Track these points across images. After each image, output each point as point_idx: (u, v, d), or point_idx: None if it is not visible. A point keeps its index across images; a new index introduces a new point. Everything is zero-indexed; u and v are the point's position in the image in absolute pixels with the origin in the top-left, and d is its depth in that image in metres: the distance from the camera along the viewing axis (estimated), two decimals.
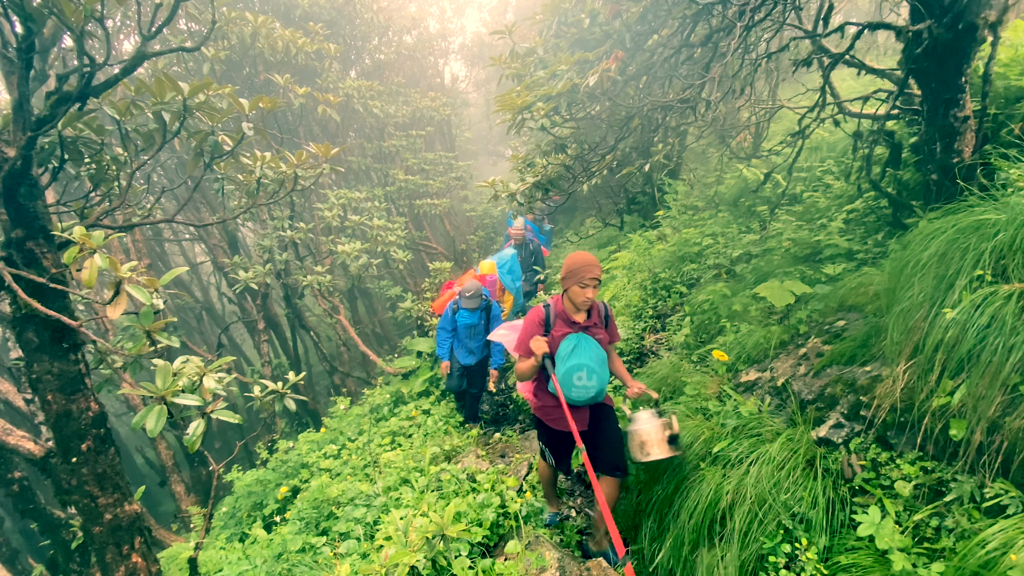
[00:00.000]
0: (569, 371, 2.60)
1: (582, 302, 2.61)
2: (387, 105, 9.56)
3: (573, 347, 2.63)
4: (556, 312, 2.75)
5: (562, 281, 2.69)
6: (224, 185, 2.96)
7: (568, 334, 2.68)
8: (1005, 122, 2.90)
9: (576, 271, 2.60)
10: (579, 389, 2.63)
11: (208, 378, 1.90)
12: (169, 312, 12.48)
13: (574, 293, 2.62)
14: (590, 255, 2.62)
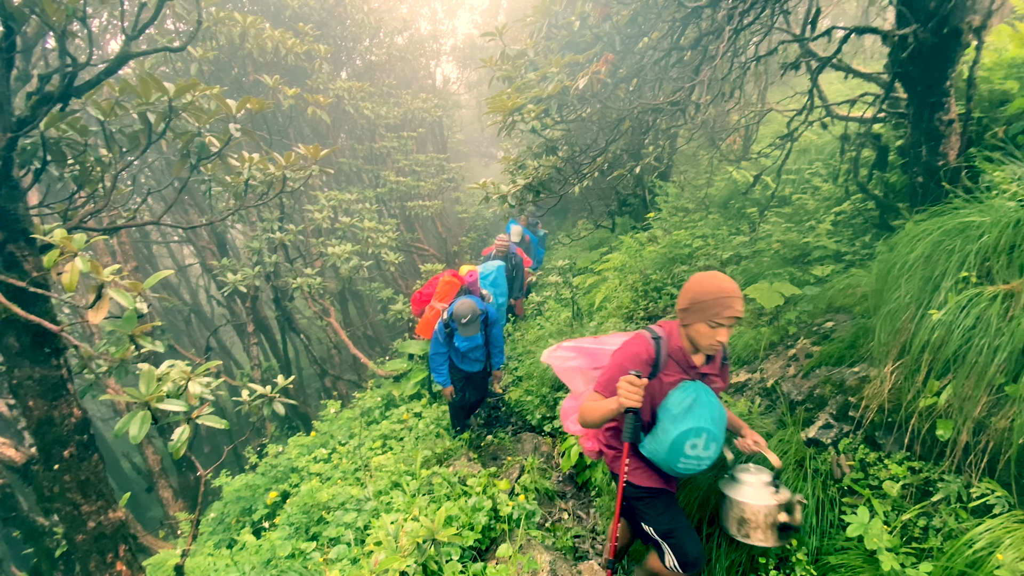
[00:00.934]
0: (683, 437, 1.89)
1: (709, 346, 1.88)
2: (378, 106, 9.52)
3: (691, 402, 1.90)
4: (669, 350, 2.00)
5: (682, 313, 1.95)
6: (211, 187, 2.93)
7: (682, 382, 1.98)
8: (989, 125, 2.94)
9: (708, 303, 1.83)
10: (690, 461, 1.93)
11: (194, 383, 1.87)
12: (157, 315, 12.33)
13: (700, 333, 1.87)
14: (729, 281, 1.85)
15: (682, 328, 1.98)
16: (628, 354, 1.98)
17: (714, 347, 1.88)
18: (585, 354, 2.34)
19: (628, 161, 5.84)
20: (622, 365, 1.94)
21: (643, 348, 1.98)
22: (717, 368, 2.10)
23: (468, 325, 3.98)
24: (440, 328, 4.28)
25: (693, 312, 1.88)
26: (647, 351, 1.97)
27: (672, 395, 1.95)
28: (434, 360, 4.45)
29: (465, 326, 3.98)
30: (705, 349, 1.91)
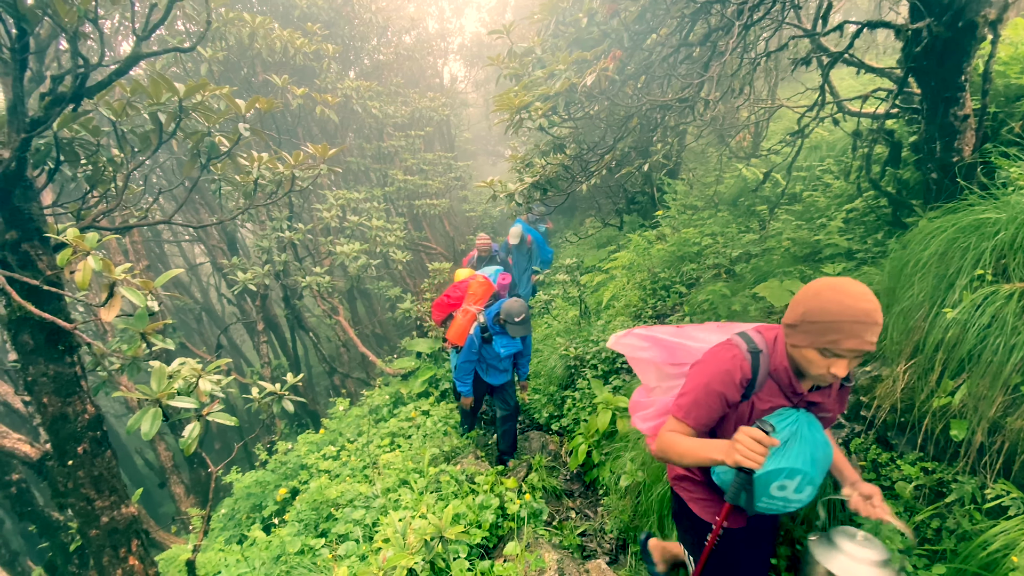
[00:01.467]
0: (770, 477, 1.52)
1: (819, 377, 1.46)
2: (386, 105, 9.55)
3: (788, 437, 1.52)
4: (769, 368, 1.58)
5: (789, 329, 1.50)
6: (221, 186, 2.95)
7: (781, 409, 1.58)
8: (1005, 120, 2.89)
9: (825, 326, 1.36)
10: (775, 502, 1.58)
11: (204, 380, 1.89)
12: (168, 313, 12.48)
13: (808, 360, 1.44)
14: (864, 298, 1.34)
15: (792, 349, 1.50)
16: (717, 373, 1.55)
17: (825, 380, 1.44)
18: (661, 346, 1.92)
19: (636, 159, 5.81)
20: (708, 386, 1.56)
21: (736, 366, 1.54)
22: (832, 394, 1.63)
23: (521, 324, 3.71)
24: (476, 333, 3.97)
25: (803, 332, 1.42)
26: (742, 370, 1.54)
27: (765, 423, 1.47)
28: (462, 368, 4.15)
29: (519, 325, 3.70)
30: (814, 379, 1.49)
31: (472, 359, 4.09)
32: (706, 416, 1.59)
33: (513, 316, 3.69)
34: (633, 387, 4.12)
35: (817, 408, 1.63)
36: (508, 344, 3.96)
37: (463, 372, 4.16)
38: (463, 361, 4.10)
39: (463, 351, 4.06)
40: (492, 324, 3.93)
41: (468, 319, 4.12)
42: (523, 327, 3.74)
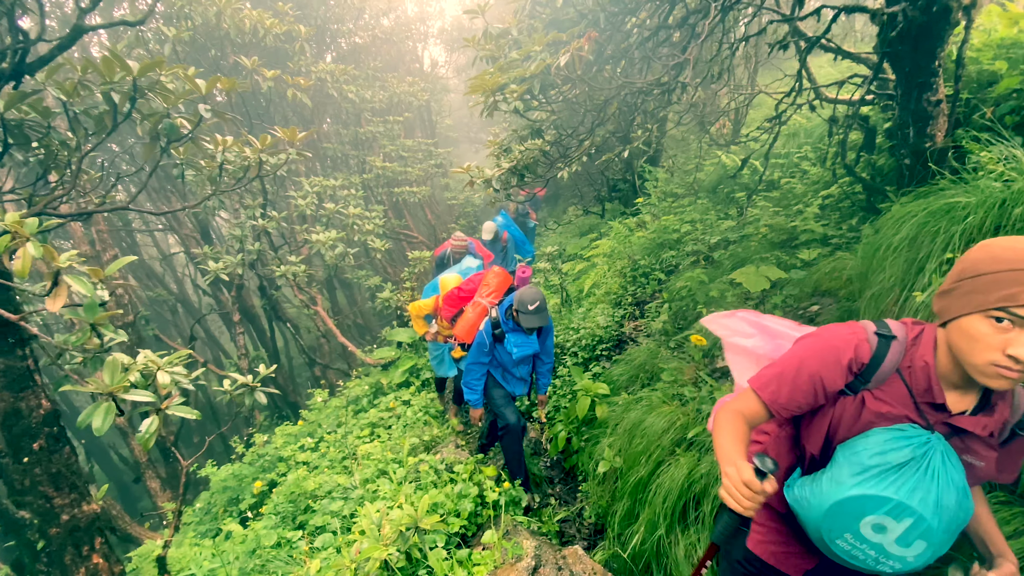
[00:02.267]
0: (863, 505, 1.10)
1: (985, 368, 0.99)
2: (363, 90, 9.32)
3: (906, 459, 1.08)
4: (902, 362, 1.16)
5: (942, 300, 1.09)
6: (184, 171, 2.83)
7: (907, 425, 1.12)
8: (977, 106, 2.91)
9: (994, 279, 0.96)
10: (863, 548, 1.12)
11: (162, 373, 1.81)
12: (142, 305, 12.15)
13: (970, 337, 1.01)
14: None
15: (940, 331, 1.11)
16: (821, 348, 1.19)
17: (998, 373, 0.96)
18: (771, 336, 1.50)
19: (617, 145, 5.77)
20: (804, 361, 1.19)
21: (851, 344, 1.16)
22: (994, 428, 1.10)
23: (536, 313, 3.09)
24: (487, 329, 3.37)
25: (963, 294, 1.01)
26: (856, 351, 1.16)
27: (875, 434, 1.12)
28: (471, 372, 3.49)
29: (533, 314, 3.09)
30: (978, 373, 1.00)
31: (482, 360, 3.45)
32: (788, 396, 1.20)
33: (526, 303, 3.09)
34: (613, 374, 4.13)
35: (965, 443, 1.12)
36: (523, 343, 3.32)
37: (472, 376, 3.50)
38: (472, 362, 3.48)
39: (472, 350, 3.47)
40: (505, 319, 3.35)
41: (478, 313, 3.61)
42: (537, 316, 3.11)
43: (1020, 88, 2.73)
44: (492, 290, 3.68)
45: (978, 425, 1.10)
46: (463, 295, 4.03)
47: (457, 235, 5.97)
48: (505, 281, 3.76)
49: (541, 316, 3.13)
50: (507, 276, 3.79)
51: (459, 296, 4.05)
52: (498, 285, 3.71)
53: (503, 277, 3.77)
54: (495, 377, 3.61)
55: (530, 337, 3.33)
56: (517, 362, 3.42)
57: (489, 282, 3.75)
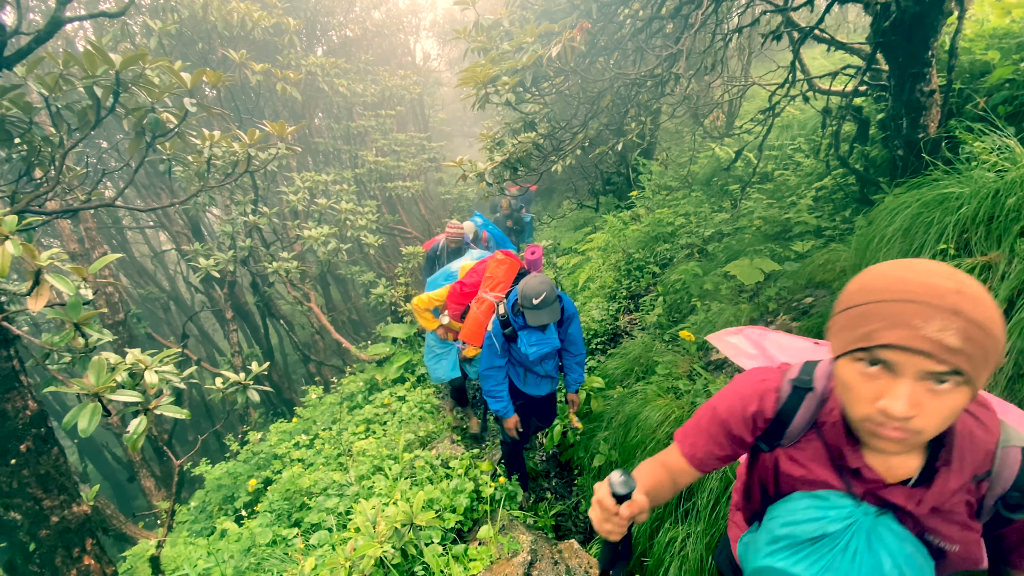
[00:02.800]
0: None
1: (864, 420, 0.80)
2: (354, 84, 9.22)
3: (818, 532, 0.91)
4: (819, 416, 0.98)
5: (830, 334, 0.88)
6: (171, 166, 2.78)
7: (830, 493, 0.95)
8: (971, 96, 2.91)
9: (870, 308, 0.77)
10: None
11: (150, 372, 1.78)
12: (133, 303, 12.04)
13: (850, 386, 0.81)
14: (940, 272, 0.74)
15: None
16: (730, 395, 1.07)
17: (873, 431, 0.80)
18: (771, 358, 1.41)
19: (611, 138, 5.74)
20: (715, 409, 1.08)
21: (756, 394, 1.03)
22: (940, 499, 0.88)
23: (543, 308, 2.56)
24: (496, 328, 2.86)
25: (833, 333, 0.86)
26: (761, 401, 1.02)
27: (794, 500, 0.98)
28: (488, 379, 2.97)
29: (538, 309, 2.55)
30: (860, 431, 0.86)
31: (497, 363, 2.92)
32: (704, 448, 1.08)
33: (530, 297, 2.55)
34: (608, 368, 4.13)
35: (919, 521, 0.90)
36: (539, 341, 2.76)
37: (490, 383, 2.97)
38: (485, 368, 2.95)
39: (483, 354, 2.96)
40: (514, 315, 2.81)
41: (485, 310, 3.05)
42: (545, 312, 2.57)
43: (1013, 78, 2.72)
44: (498, 281, 3.13)
45: (910, 499, 0.89)
46: (467, 290, 3.48)
47: (452, 223, 5.28)
48: (512, 268, 3.15)
49: (550, 311, 2.57)
50: (514, 262, 3.17)
51: (462, 292, 3.50)
52: (504, 274, 3.13)
53: (509, 264, 3.17)
54: (512, 380, 3.09)
55: (546, 332, 2.76)
56: (534, 361, 2.92)
57: (493, 272, 3.17)
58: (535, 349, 2.76)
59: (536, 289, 2.55)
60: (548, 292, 2.54)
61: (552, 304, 2.57)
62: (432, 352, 4.29)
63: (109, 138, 8.20)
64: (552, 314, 2.58)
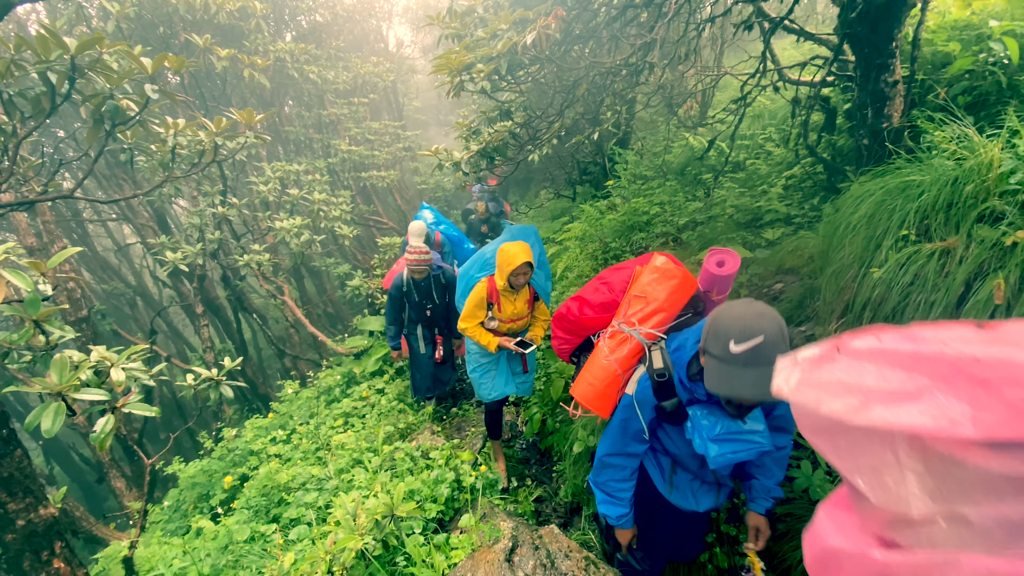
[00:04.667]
0: None
1: None
2: (325, 71, 8.99)
3: None
4: None
5: None
6: (132, 156, 2.67)
7: None
8: (932, 87, 3.01)
9: None
10: None
11: (116, 369, 1.72)
12: (96, 299, 11.60)
13: None
14: None
15: None
16: None
17: None
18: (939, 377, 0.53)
19: (587, 127, 5.75)
20: None
21: None
22: None
23: (755, 367, 1.29)
24: (644, 394, 1.69)
25: None
26: None
27: None
28: (607, 469, 1.90)
29: (744, 366, 1.31)
30: None
31: (629, 451, 1.82)
32: None
33: (730, 339, 1.33)
34: None
35: None
36: (729, 434, 1.52)
37: (610, 475, 1.89)
38: (607, 453, 1.86)
39: (611, 431, 1.83)
40: (688, 375, 1.62)
41: (625, 356, 1.79)
42: (758, 376, 1.28)
43: (972, 69, 2.82)
44: (655, 304, 1.80)
45: None
46: (591, 312, 2.06)
47: (413, 245, 3.97)
48: (685, 286, 1.85)
49: (765, 375, 1.24)
50: (687, 276, 1.88)
51: (581, 314, 2.08)
52: (669, 294, 1.81)
53: (679, 279, 1.84)
54: (650, 475, 1.95)
55: (747, 418, 1.52)
56: (714, 460, 1.56)
57: (646, 288, 1.85)
58: (720, 451, 1.51)
59: (748, 325, 1.30)
60: (770, 334, 1.28)
61: (772, 361, 1.10)
62: (477, 363, 3.46)
63: (67, 127, 7.82)
64: (767, 381, 1.15)
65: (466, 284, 3.42)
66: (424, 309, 4.36)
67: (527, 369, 3.50)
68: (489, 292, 3.18)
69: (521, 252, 2.90)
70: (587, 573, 2.22)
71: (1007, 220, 1.91)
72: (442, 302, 4.37)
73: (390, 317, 4.47)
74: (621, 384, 1.78)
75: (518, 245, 2.94)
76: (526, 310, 3.28)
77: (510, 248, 2.93)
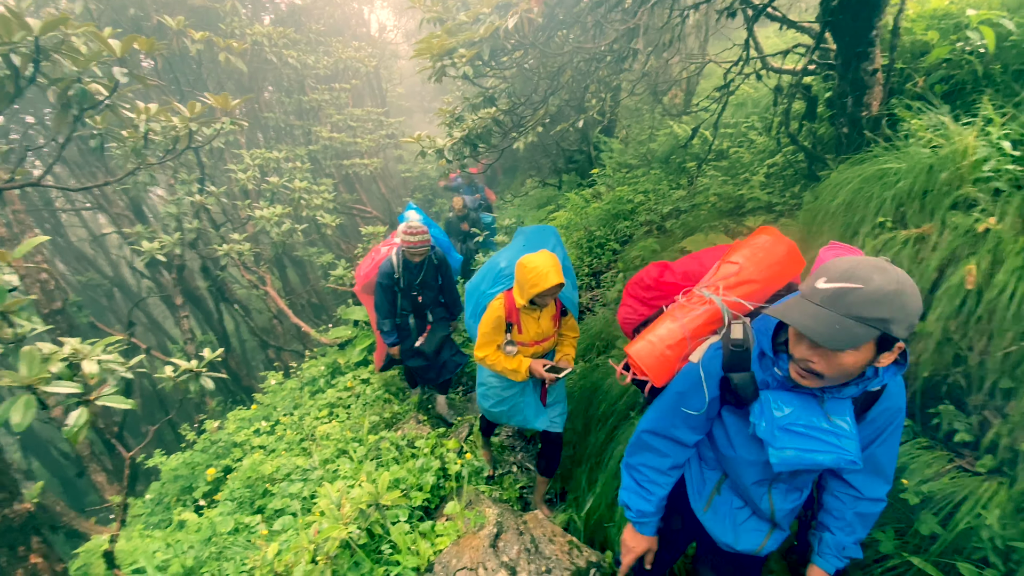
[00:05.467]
0: None
1: None
2: (305, 55, 8.77)
3: None
4: None
5: None
6: (103, 142, 2.58)
7: None
8: (911, 75, 3.04)
9: None
10: None
11: (88, 361, 1.68)
12: (71, 290, 11.31)
13: None
14: None
15: None
16: None
17: None
18: None
19: (572, 115, 5.72)
20: None
21: None
22: None
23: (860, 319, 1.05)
24: (711, 363, 1.42)
25: None
26: None
27: None
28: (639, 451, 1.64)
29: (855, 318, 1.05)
30: None
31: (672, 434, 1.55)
32: None
33: (830, 276, 1.11)
34: None
35: None
36: (809, 427, 1.25)
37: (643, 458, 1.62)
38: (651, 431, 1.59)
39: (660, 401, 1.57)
40: (772, 349, 1.34)
41: (699, 321, 1.53)
42: (819, 318, 1.08)
43: (949, 58, 2.86)
44: (752, 274, 1.54)
45: None
46: (671, 279, 1.80)
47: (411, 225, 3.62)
48: (788, 264, 1.58)
49: (830, 321, 1.07)
50: (793, 248, 1.60)
51: (659, 282, 1.81)
52: (768, 266, 1.56)
53: (784, 249, 1.59)
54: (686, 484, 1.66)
55: (833, 414, 1.26)
56: (779, 473, 1.41)
57: (744, 257, 1.59)
58: (789, 443, 1.25)
59: (853, 270, 1.08)
60: (873, 291, 1.05)
61: (855, 315, 1.05)
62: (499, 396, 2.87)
63: (36, 112, 7.55)
64: (832, 326, 1.06)
65: (476, 302, 2.87)
66: (416, 296, 3.99)
67: (545, 402, 2.80)
68: (507, 311, 2.55)
69: (552, 270, 2.31)
70: (570, 556, 2.26)
71: (980, 207, 1.95)
72: (435, 284, 4.03)
73: (384, 310, 3.97)
74: (686, 351, 1.50)
75: (543, 257, 2.35)
76: (552, 328, 2.67)
77: (534, 262, 2.33)
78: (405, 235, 3.65)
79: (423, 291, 3.98)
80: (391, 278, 3.85)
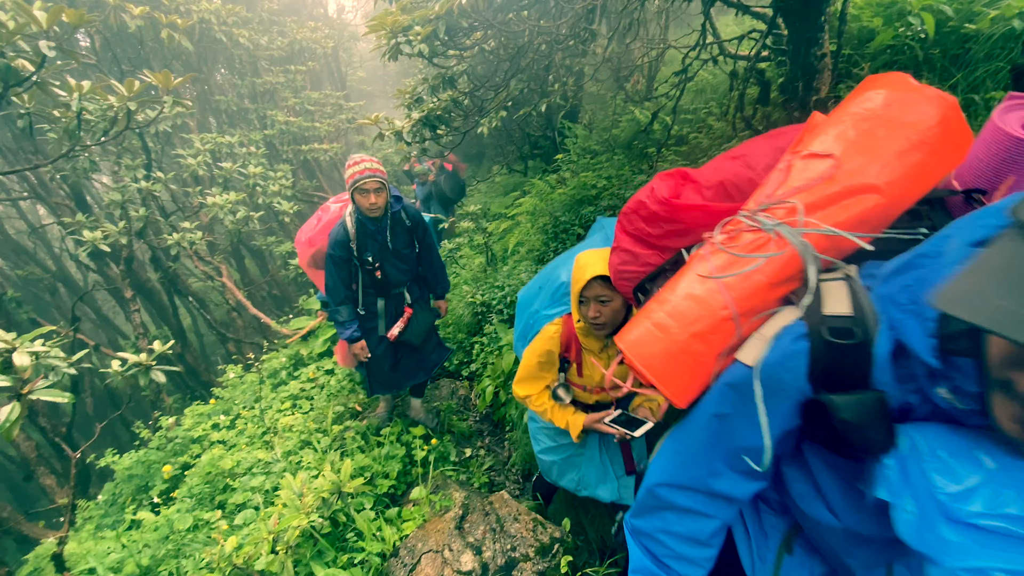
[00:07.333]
0: None
1: None
2: (258, 35, 8.39)
3: None
4: None
5: None
6: (31, 122, 2.39)
7: None
8: (857, 61, 3.15)
9: None
10: None
11: (19, 354, 1.57)
12: (10, 285, 10.61)
13: None
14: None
15: None
16: None
17: None
18: None
19: (535, 99, 5.69)
20: None
21: None
22: None
23: None
24: (791, 357, 0.77)
25: None
26: None
27: None
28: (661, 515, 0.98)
29: None
30: None
31: (720, 488, 0.89)
32: None
33: None
34: None
35: None
36: (1004, 516, 0.58)
37: (671, 526, 0.95)
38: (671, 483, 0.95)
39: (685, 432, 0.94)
40: (926, 339, 0.66)
41: (757, 287, 0.82)
42: None
43: (893, 44, 2.97)
44: (872, 177, 0.79)
45: None
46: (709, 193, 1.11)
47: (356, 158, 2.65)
48: (945, 133, 0.81)
49: None
50: (948, 106, 0.83)
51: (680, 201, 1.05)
52: (905, 147, 0.80)
53: (930, 106, 0.82)
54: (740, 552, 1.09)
55: None
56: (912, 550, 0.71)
57: (849, 141, 0.85)
58: (977, 547, 0.61)
59: None
60: None
61: None
62: (553, 441, 2.21)
63: None
64: None
65: (527, 323, 2.19)
66: (377, 269, 2.90)
67: (633, 468, 2.02)
68: (564, 342, 1.85)
69: (597, 261, 1.61)
70: (534, 533, 2.29)
71: None
72: (408, 253, 2.99)
73: (339, 293, 2.96)
74: (731, 338, 0.84)
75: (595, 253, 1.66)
76: (627, 369, 1.78)
77: (587, 256, 1.66)
78: (349, 169, 2.59)
79: (394, 262, 2.94)
80: (345, 247, 2.82)
